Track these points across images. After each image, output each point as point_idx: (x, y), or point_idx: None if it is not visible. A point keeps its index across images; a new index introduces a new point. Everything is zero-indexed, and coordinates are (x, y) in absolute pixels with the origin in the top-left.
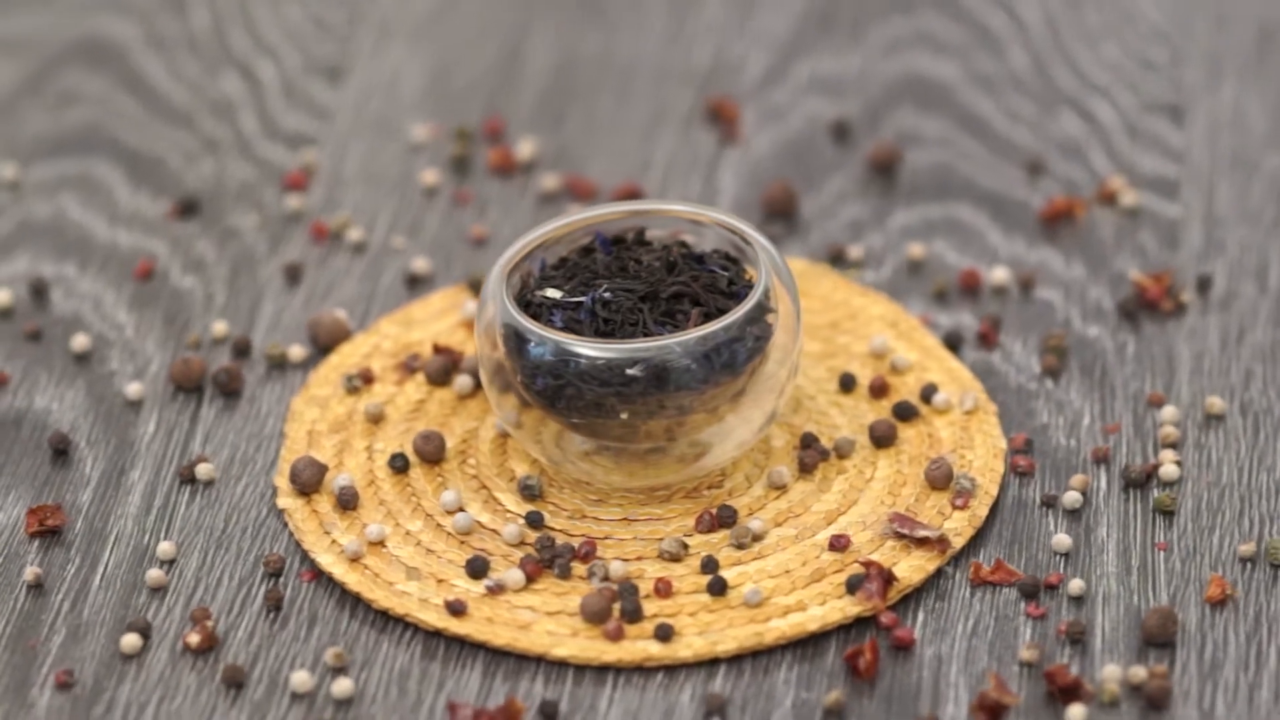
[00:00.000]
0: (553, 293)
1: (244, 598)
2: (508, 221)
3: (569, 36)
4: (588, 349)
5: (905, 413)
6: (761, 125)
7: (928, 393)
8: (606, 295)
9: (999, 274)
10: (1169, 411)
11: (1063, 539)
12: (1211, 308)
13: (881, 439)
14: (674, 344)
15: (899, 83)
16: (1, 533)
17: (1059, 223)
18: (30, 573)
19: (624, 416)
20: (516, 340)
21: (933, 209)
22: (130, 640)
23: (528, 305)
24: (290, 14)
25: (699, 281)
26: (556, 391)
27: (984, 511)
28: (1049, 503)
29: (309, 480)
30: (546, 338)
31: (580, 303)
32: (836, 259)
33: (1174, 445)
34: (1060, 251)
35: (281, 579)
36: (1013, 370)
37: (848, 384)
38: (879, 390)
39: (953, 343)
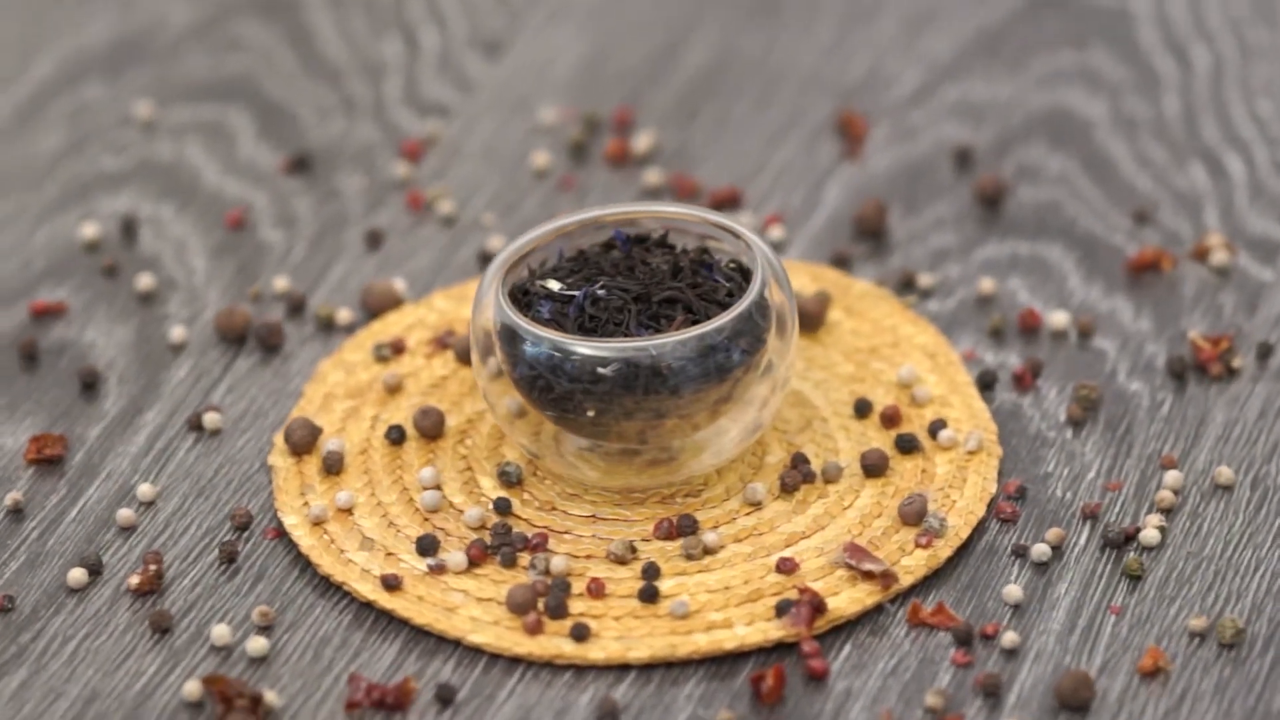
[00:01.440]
0: (553, 284)
1: (203, 548)
2: None
3: (732, 36)
4: (562, 342)
5: (907, 445)
6: (888, 144)
7: (935, 428)
8: (600, 292)
9: (1058, 318)
10: (1172, 476)
11: (1014, 590)
12: (1264, 377)
13: (872, 468)
14: (650, 347)
15: (1041, 116)
16: (4, 455)
17: (1144, 274)
18: (10, 498)
19: (591, 414)
20: (504, 329)
21: (1022, 246)
22: (76, 574)
23: (525, 293)
24: None
25: (698, 289)
26: (530, 382)
27: (946, 553)
28: (1019, 553)
29: (300, 441)
30: (526, 330)
31: (573, 297)
32: (906, 285)
33: (1167, 510)
34: (1133, 302)
35: (246, 533)
36: (1037, 416)
37: (862, 409)
38: (890, 419)
39: (986, 381)
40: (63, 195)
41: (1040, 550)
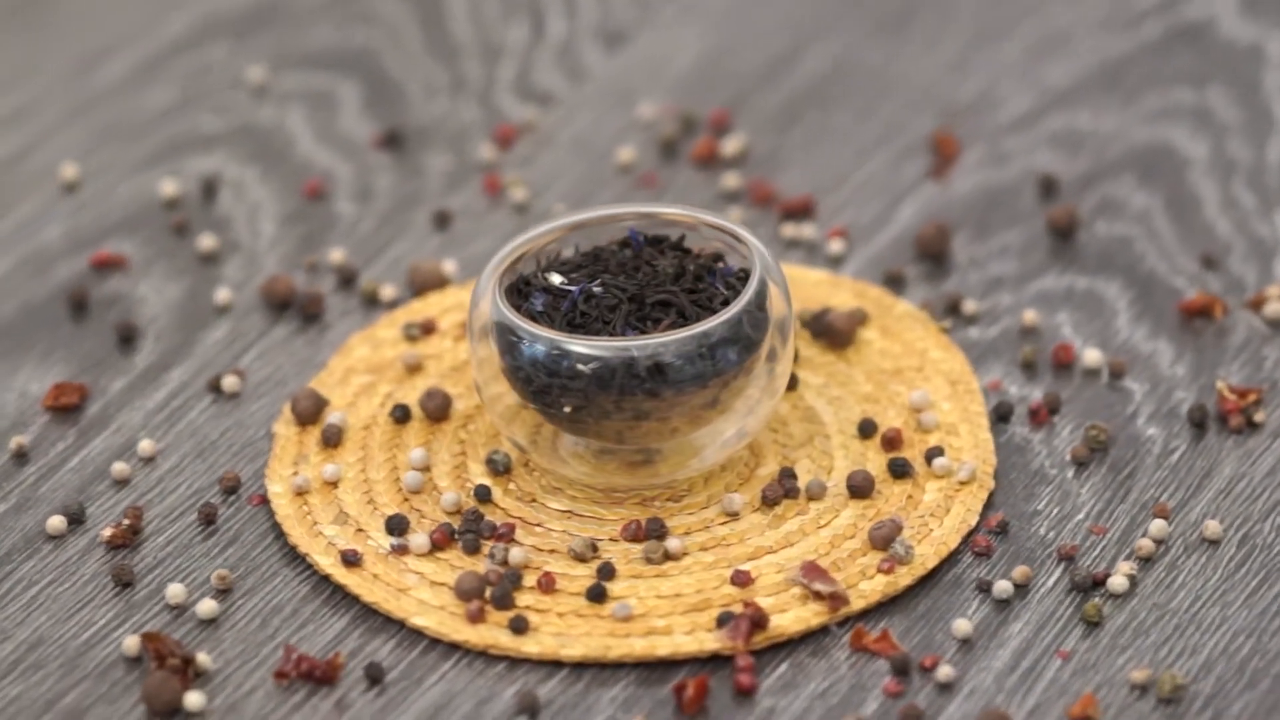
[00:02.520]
0: (555, 278)
1: (188, 507)
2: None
3: (855, 46)
4: (542, 336)
5: (899, 469)
6: (978, 167)
7: (931, 455)
8: (597, 289)
9: (1091, 355)
10: (1157, 525)
11: (962, 624)
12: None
13: (857, 489)
14: (631, 348)
15: (1139, 151)
16: (26, 399)
17: (1195, 319)
18: (15, 441)
19: (567, 410)
20: (496, 318)
21: (1081, 280)
22: (55, 522)
23: (527, 283)
24: None
25: (696, 294)
26: (514, 373)
27: (906, 581)
28: (983, 587)
29: (304, 411)
30: (512, 322)
31: (570, 292)
32: (952, 309)
33: (1146, 559)
34: (1176, 347)
35: (233, 497)
36: (1044, 453)
37: (865, 430)
38: (891, 442)
39: (1002, 413)
40: (156, 152)
41: (1002, 587)
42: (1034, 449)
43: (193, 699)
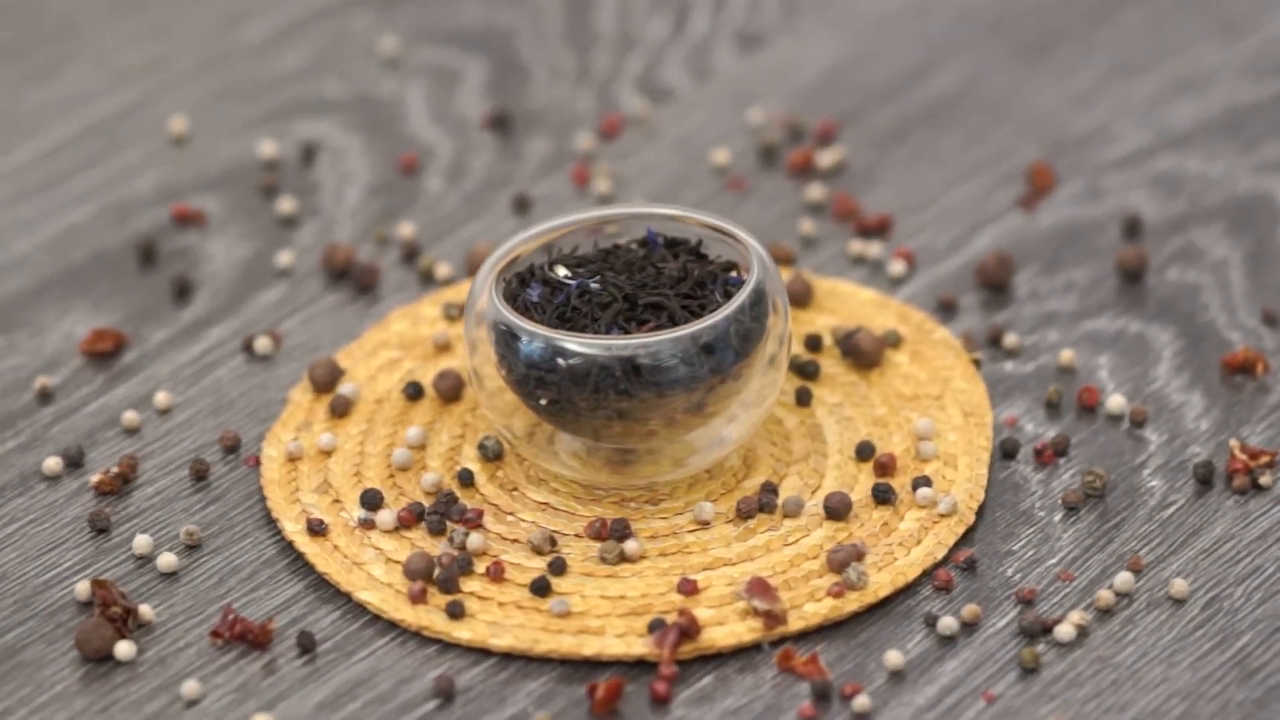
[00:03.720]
0: (561, 270)
1: (184, 462)
2: (749, 218)
3: (985, 69)
4: (523, 328)
5: (881, 495)
6: (1069, 201)
7: (918, 484)
8: (594, 286)
9: (1115, 401)
10: (1123, 578)
11: (894, 656)
12: None
13: (832, 511)
14: (611, 347)
15: (1238, 200)
16: (68, 341)
17: (1235, 374)
18: (40, 381)
19: (543, 403)
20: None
21: (1134, 324)
22: (51, 463)
23: (532, 274)
24: None
25: (691, 299)
26: (499, 361)
27: (852, 607)
28: (930, 622)
29: (320, 379)
30: (500, 312)
31: (567, 286)
32: (993, 341)
33: (1105, 611)
34: (1208, 400)
35: (232, 456)
36: (1039, 494)
37: (862, 452)
38: (884, 468)
39: (1008, 450)
40: (270, 113)
41: (947, 623)
42: (1030, 489)
43: (122, 648)
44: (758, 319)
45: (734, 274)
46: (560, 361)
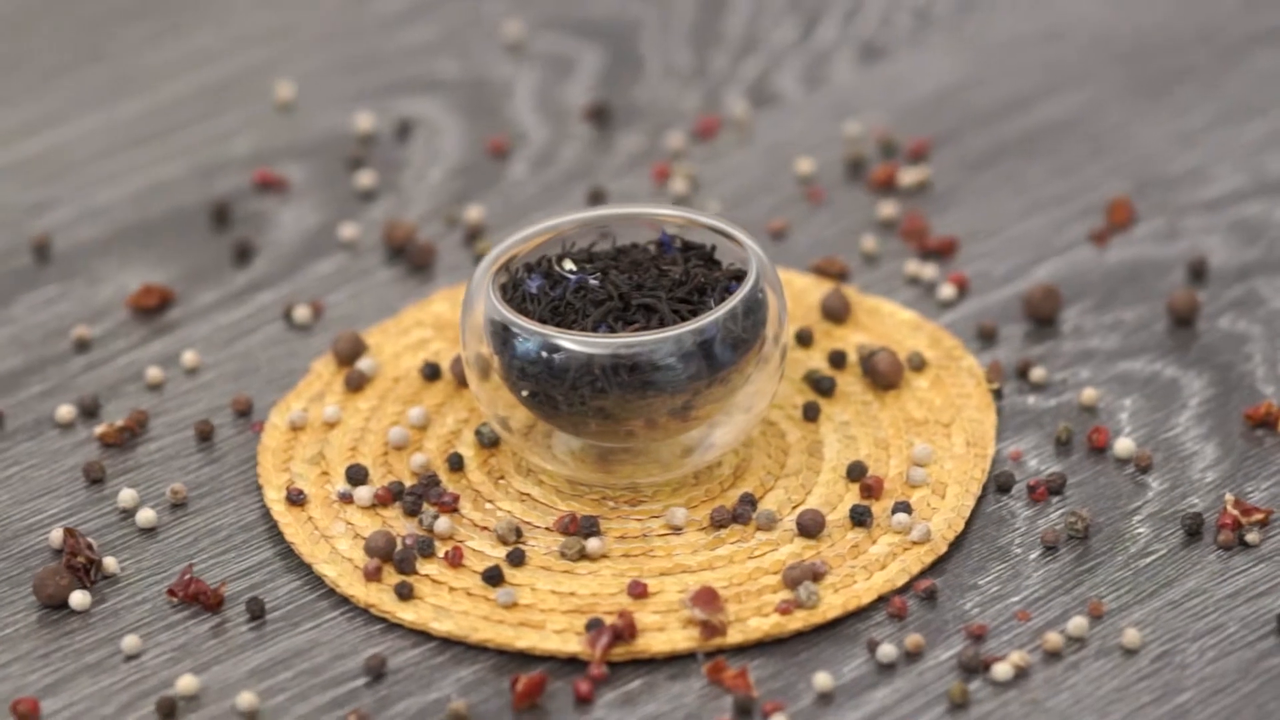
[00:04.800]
0: (569, 264)
1: (194, 421)
2: (818, 229)
3: (1102, 100)
4: (512, 321)
5: (858, 517)
6: (1143, 239)
7: (896, 509)
8: (593, 283)
9: (1123, 445)
10: (1076, 623)
11: (823, 678)
12: (1270, 559)
13: (804, 528)
14: (581, 344)
15: None
16: (119, 294)
17: (1257, 428)
18: (78, 332)
19: (525, 395)
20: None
21: (1169, 369)
22: (64, 411)
23: (538, 264)
24: None
25: (685, 304)
26: (492, 350)
27: (795, 626)
28: (871, 648)
29: (343, 353)
30: (491, 303)
31: (567, 281)
32: (1021, 373)
33: (1052, 653)
34: (1221, 451)
35: (243, 420)
36: (1022, 530)
37: (853, 473)
38: (871, 490)
39: (1002, 484)
40: (380, 87)
41: (886, 651)
42: (1014, 525)
43: (76, 597)
44: (751, 328)
45: (739, 282)
46: (541, 354)
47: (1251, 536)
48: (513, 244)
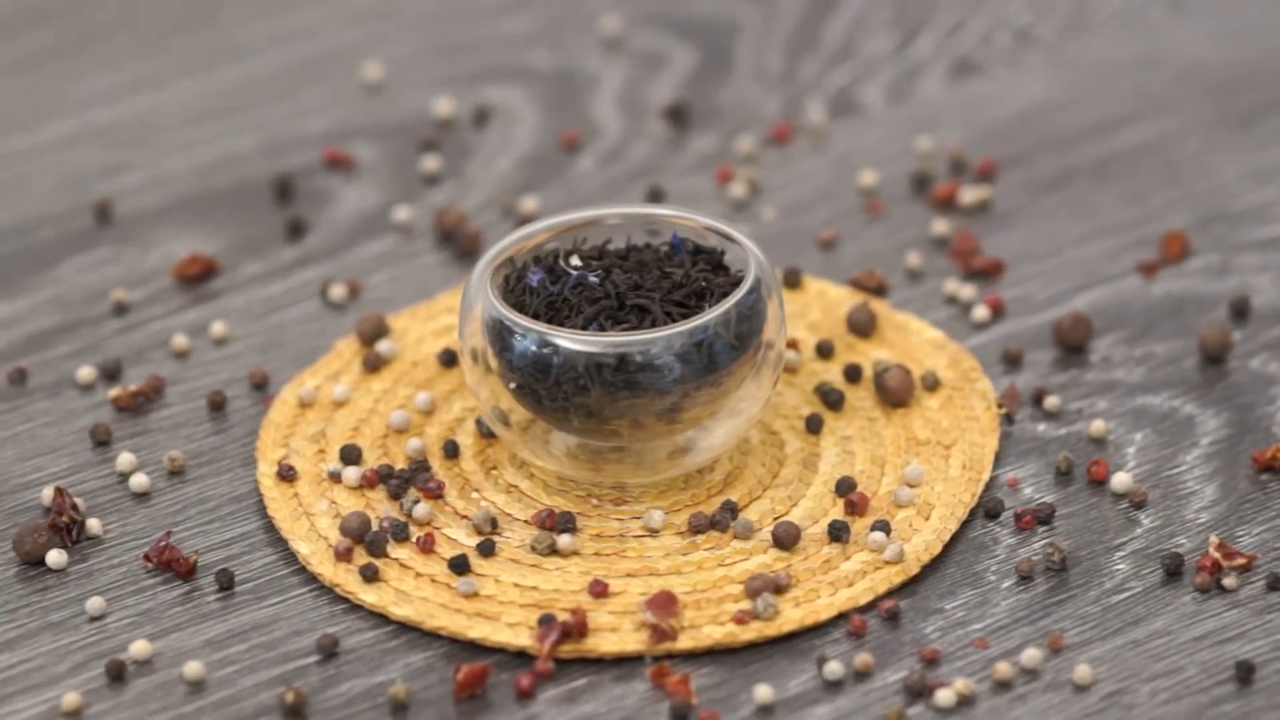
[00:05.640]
0: (575, 260)
1: (209, 390)
2: (870, 242)
3: (1184, 130)
4: (503, 314)
5: (835, 532)
6: (1193, 274)
7: (875, 527)
8: (593, 280)
9: (1120, 479)
10: (1030, 655)
11: (764, 691)
12: (1244, 604)
13: (778, 540)
14: (564, 340)
15: None
16: (165, 261)
17: (1262, 471)
18: (116, 295)
19: (512, 387)
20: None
21: (1189, 405)
22: (85, 372)
23: (546, 257)
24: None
25: (681, 308)
26: (486, 341)
27: (747, 637)
28: (820, 664)
29: (365, 333)
30: (488, 293)
31: (568, 276)
32: (1036, 400)
33: (1001, 683)
34: (1222, 493)
35: (259, 393)
36: (1001, 557)
37: (841, 488)
38: (855, 506)
39: (990, 510)
40: (468, 73)
41: (833, 669)
42: (995, 552)
43: (53, 556)
44: (745, 334)
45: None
46: (528, 349)
47: (1229, 581)
48: (515, 240)
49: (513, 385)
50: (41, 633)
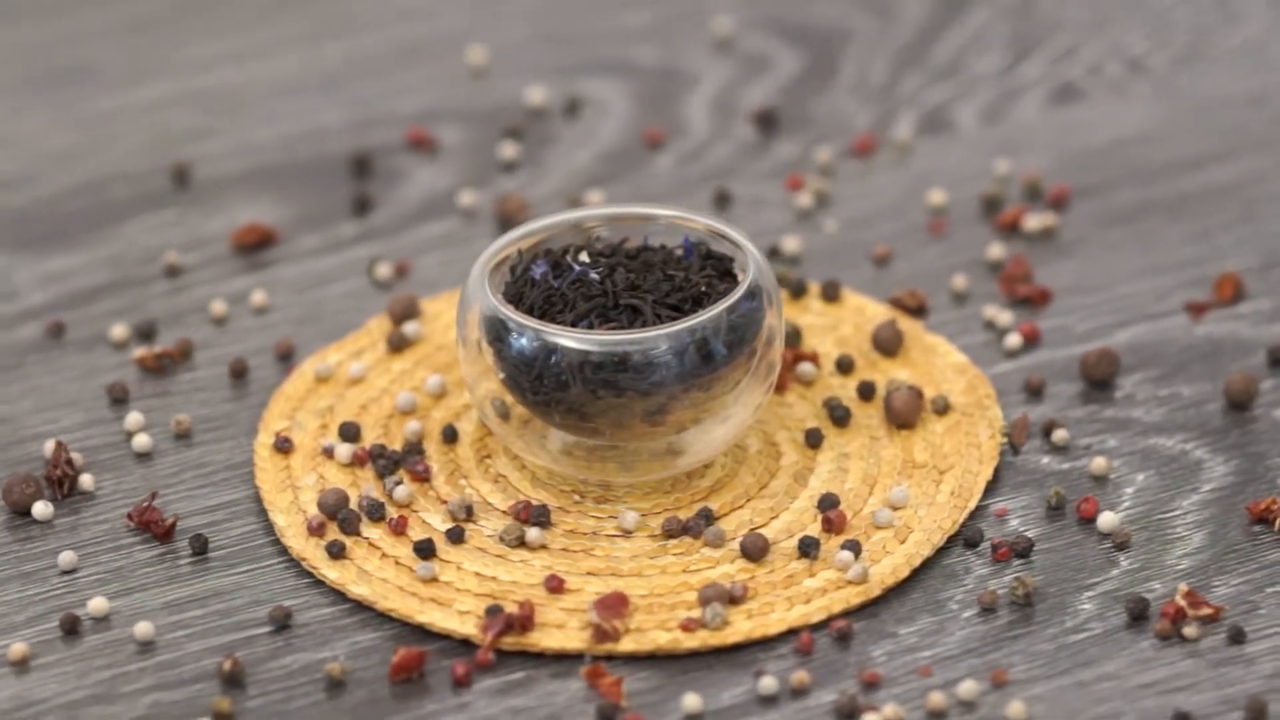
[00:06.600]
0: (584, 257)
1: (228, 360)
2: (925, 261)
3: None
4: (490, 302)
5: (805, 547)
6: (1242, 317)
7: (845, 546)
8: (594, 277)
9: (1106, 519)
10: (967, 687)
11: (692, 700)
12: (1200, 654)
13: (745, 550)
14: (545, 335)
15: None
16: (224, 230)
17: (1254, 523)
18: (170, 257)
19: (502, 377)
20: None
21: (1200, 450)
22: (118, 331)
23: (552, 251)
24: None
25: (675, 312)
26: (481, 331)
27: (690, 645)
28: (759, 674)
29: (396, 313)
30: (485, 284)
31: (570, 271)
32: (1045, 432)
33: (937, 714)
34: (1209, 543)
35: (284, 363)
36: (969, 587)
37: (823, 504)
38: (832, 523)
39: (969, 539)
40: (570, 64)
41: (767, 684)
42: (964, 582)
43: (38, 507)
44: (736, 341)
45: (747, 300)
46: (513, 341)
47: (1189, 630)
48: (517, 237)
49: (501, 375)
50: (10, 582)
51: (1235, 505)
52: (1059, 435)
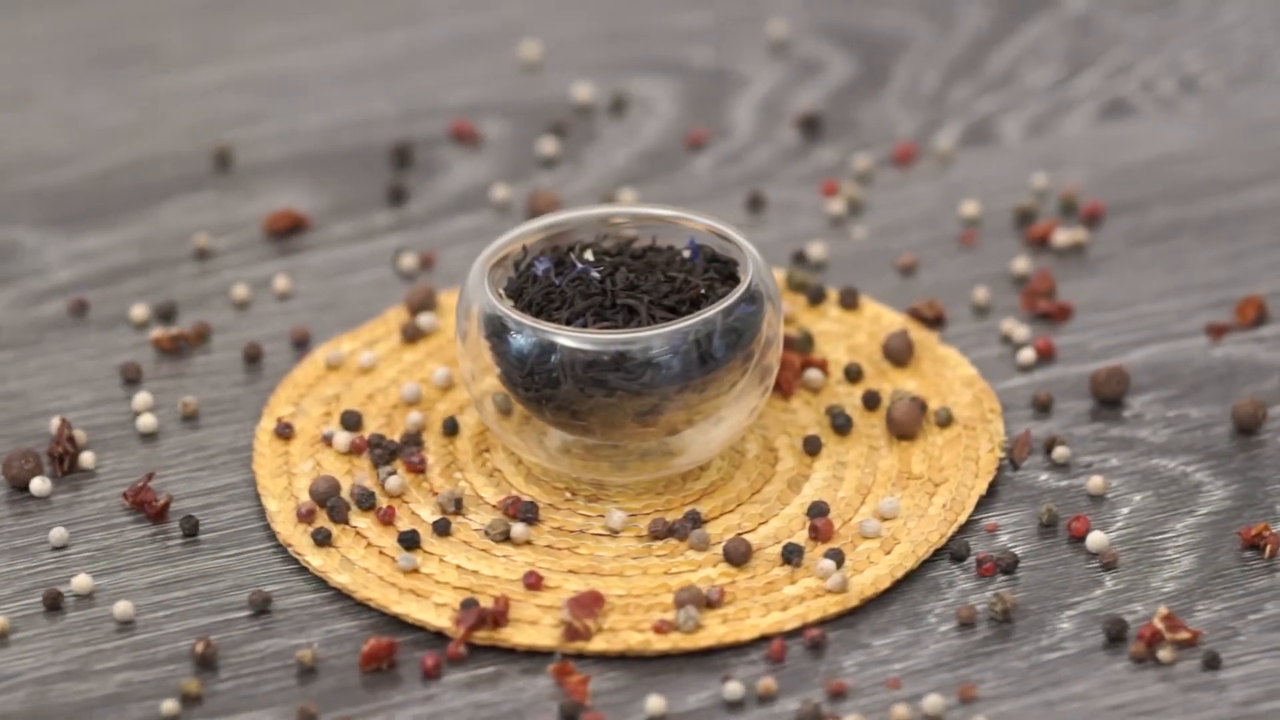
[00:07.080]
0: (589, 255)
1: (242, 346)
2: (951, 272)
3: None
4: (493, 305)
5: (788, 554)
6: (1263, 341)
7: (829, 555)
8: (595, 275)
9: (1095, 538)
10: (933, 701)
11: (656, 702)
12: (1174, 677)
13: (728, 555)
14: (537, 332)
15: None
16: (258, 215)
17: (1246, 548)
18: (201, 240)
19: (498, 372)
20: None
21: (1201, 473)
22: (138, 311)
23: (559, 248)
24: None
25: (671, 313)
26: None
27: (661, 646)
28: (726, 679)
29: (413, 303)
30: (483, 288)
31: (572, 269)
32: (1048, 449)
33: None
34: (1198, 566)
35: (299, 350)
36: (950, 601)
37: (812, 511)
38: (818, 532)
39: (955, 553)
40: (623, 62)
41: (733, 689)
42: (945, 595)
43: (36, 483)
44: (731, 343)
45: (748, 305)
46: (508, 336)
47: (1164, 654)
48: (518, 235)
49: (497, 370)
50: (0, 556)
51: (1229, 530)
52: (1060, 452)
